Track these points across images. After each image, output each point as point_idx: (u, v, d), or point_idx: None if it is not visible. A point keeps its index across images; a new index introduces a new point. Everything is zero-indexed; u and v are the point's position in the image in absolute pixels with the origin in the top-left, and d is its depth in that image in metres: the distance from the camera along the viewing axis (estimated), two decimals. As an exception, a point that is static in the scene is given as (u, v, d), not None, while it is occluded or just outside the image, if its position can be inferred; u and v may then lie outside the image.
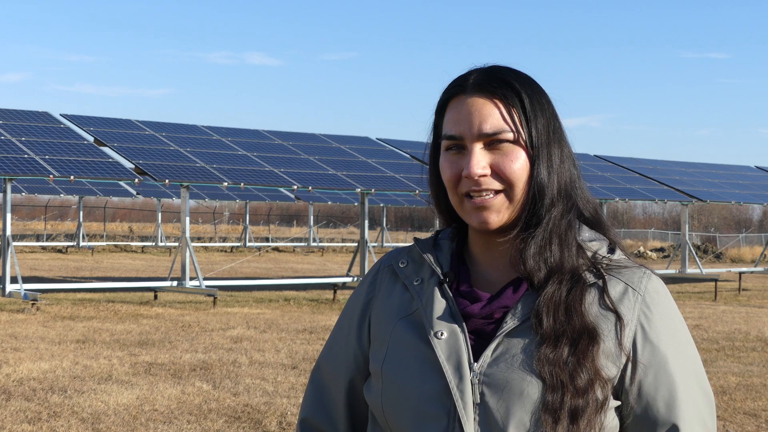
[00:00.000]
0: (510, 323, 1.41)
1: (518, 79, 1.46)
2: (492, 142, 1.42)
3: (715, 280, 19.35)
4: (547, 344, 1.37)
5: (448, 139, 1.45)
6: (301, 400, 7.46)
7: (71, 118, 17.70)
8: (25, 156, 15.20)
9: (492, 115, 1.42)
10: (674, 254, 24.14)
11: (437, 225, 35.82)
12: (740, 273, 21.48)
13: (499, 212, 1.43)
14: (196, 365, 9.02)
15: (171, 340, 10.82)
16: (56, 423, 6.57)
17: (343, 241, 45.58)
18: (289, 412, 7.04)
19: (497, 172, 1.42)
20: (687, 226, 23.36)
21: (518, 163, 1.42)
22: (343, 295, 16.77)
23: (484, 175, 1.41)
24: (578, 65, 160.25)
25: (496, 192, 1.42)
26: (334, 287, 16.73)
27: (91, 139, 16.94)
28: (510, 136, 1.42)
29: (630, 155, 26.63)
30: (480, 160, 1.41)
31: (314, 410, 1.60)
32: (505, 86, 1.44)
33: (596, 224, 1.51)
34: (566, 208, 1.46)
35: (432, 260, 1.51)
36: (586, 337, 1.37)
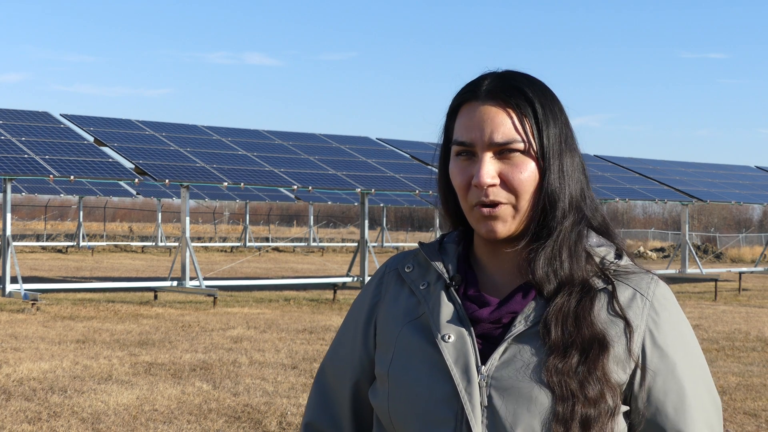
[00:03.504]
0: (519, 327, 1.40)
1: (531, 87, 1.45)
2: (502, 151, 1.42)
3: (715, 280, 19.35)
4: (555, 354, 1.36)
5: (459, 145, 1.44)
6: (301, 400, 7.46)
7: (71, 118, 17.70)
8: (25, 156, 15.21)
9: (504, 125, 1.42)
10: (674, 254, 24.15)
11: (437, 225, 35.87)
12: (740, 273, 21.47)
13: (506, 222, 1.42)
14: (196, 365, 9.02)
15: (171, 340, 10.81)
16: (56, 423, 6.56)
17: (343, 241, 45.59)
18: (289, 412, 7.04)
19: (505, 182, 1.41)
20: (687, 226, 23.38)
21: (527, 174, 1.41)
22: (343, 295, 16.77)
23: (493, 185, 1.41)
24: (578, 65, 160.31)
25: (504, 202, 1.42)
26: (334, 287, 16.72)
27: (91, 139, 16.94)
28: (521, 146, 1.41)
29: (630, 155, 26.64)
30: (489, 169, 1.41)
31: (319, 414, 1.59)
32: (518, 94, 1.43)
33: (604, 232, 1.50)
34: (577, 220, 1.45)
35: (439, 264, 1.50)
36: (596, 346, 1.37)
